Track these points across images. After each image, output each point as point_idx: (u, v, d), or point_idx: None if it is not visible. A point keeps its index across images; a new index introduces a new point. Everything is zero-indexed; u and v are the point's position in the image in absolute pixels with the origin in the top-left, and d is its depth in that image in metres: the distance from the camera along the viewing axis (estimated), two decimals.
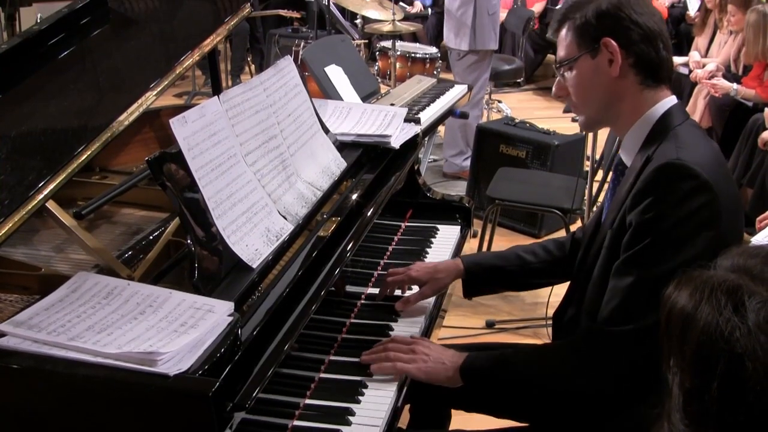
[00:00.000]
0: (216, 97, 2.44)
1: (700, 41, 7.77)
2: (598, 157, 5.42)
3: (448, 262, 2.92)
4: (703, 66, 7.20)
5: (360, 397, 2.34)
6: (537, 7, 10.23)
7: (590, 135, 5.64)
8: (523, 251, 2.86)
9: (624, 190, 2.31)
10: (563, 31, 2.42)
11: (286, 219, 2.50)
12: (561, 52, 2.44)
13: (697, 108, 7.01)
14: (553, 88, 2.52)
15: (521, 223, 6.15)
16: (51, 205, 2.29)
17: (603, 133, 5.44)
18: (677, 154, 2.18)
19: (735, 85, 6.74)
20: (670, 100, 2.36)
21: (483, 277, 2.87)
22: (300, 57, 5.13)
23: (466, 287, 2.90)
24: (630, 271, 2.19)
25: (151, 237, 2.59)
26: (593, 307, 2.32)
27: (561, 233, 5.62)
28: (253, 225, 2.36)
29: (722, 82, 6.78)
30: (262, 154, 2.56)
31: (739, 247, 1.42)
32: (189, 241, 2.19)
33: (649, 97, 2.35)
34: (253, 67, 10.42)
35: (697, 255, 2.06)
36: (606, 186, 5.54)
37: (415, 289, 2.85)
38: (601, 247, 2.37)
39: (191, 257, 2.17)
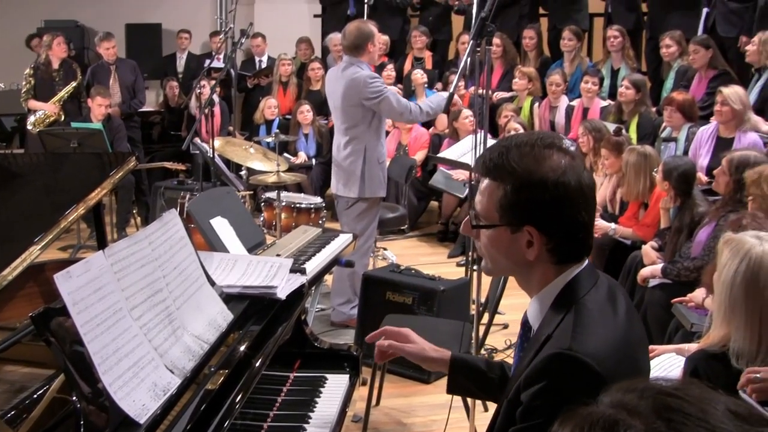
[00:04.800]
0: (101, 251, 2.45)
1: None
2: (483, 300, 5.50)
3: (441, 349, 2.83)
4: None
5: None
6: (419, 156, 10.42)
7: (474, 279, 5.72)
8: (509, 367, 2.76)
9: (526, 361, 2.25)
10: (485, 183, 2.31)
11: (173, 373, 2.48)
12: (479, 205, 2.34)
13: None
14: (462, 227, 2.43)
15: (410, 369, 6.14)
16: None
17: (487, 278, 5.53)
18: (570, 343, 2.12)
19: (613, 225, 6.96)
20: (579, 266, 2.31)
21: (465, 373, 2.80)
22: (185, 209, 5.14)
23: (449, 380, 2.83)
24: None
25: (35, 395, 2.54)
26: None
27: None
28: (140, 380, 2.34)
29: (600, 223, 6.98)
30: (148, 308, 2.55)
31: (619, 383, 1.46)
32: (74, 398, 2.17)
33: (561, 269, 2.30)
34: (138, 219, 10.35)
35: None
36: (492, 329, 5.62)
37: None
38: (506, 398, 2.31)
39: (77, 414, 2.15)
